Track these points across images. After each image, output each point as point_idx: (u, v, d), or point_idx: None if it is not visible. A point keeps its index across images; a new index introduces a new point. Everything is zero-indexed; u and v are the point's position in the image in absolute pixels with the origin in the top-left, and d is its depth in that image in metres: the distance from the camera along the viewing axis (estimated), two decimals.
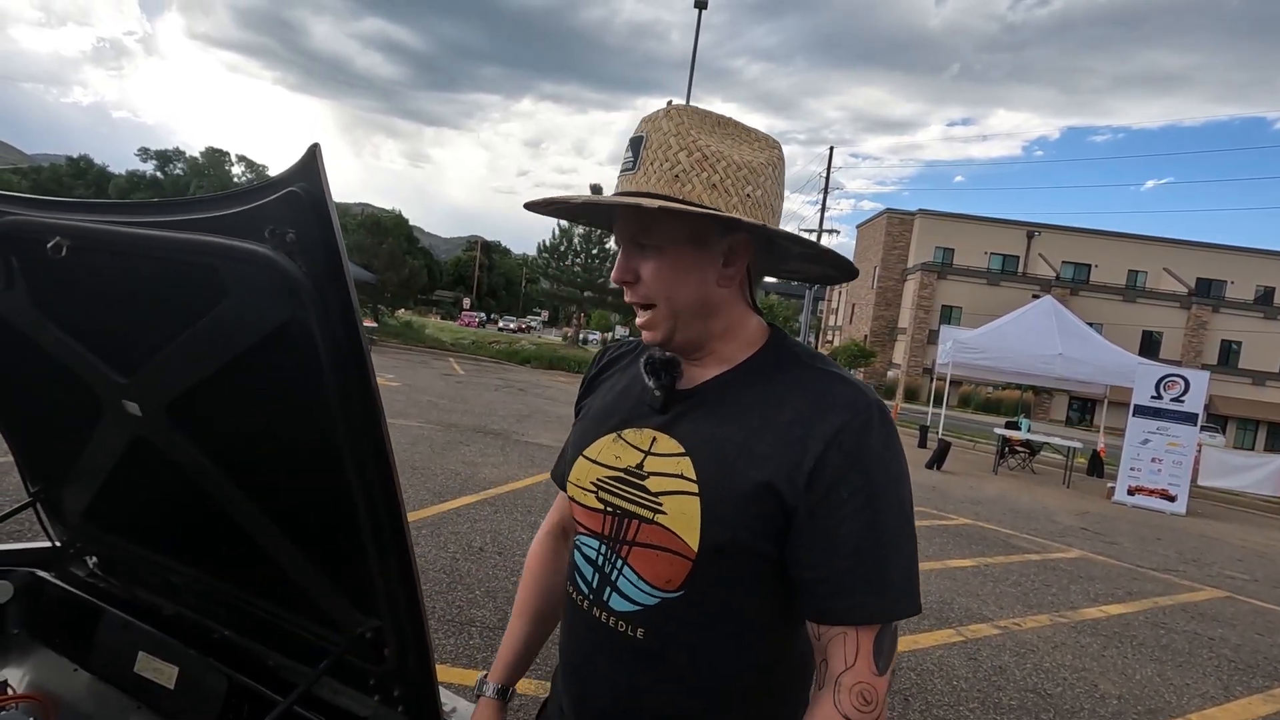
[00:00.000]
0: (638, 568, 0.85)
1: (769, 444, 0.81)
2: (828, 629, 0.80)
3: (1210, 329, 37.97)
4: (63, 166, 65.40)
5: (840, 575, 0.78)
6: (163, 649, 1.24)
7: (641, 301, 0.86)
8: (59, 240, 1.00)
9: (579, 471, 0.94)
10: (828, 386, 0.84)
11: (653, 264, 0.84)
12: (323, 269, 0.80)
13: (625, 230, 0.85)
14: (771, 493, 0.79)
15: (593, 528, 0.91)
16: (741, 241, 0.84)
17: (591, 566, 0.91)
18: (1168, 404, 11.22)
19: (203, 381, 1.03)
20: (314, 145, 0.73)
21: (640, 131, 0.84)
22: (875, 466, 0.79)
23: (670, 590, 0.84)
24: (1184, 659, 4.39)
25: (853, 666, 0.77)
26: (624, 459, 0.89)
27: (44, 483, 1.43)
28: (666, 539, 0.83)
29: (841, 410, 0.80)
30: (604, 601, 0.88)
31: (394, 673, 1.12)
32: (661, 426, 0.89)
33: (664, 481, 0.84)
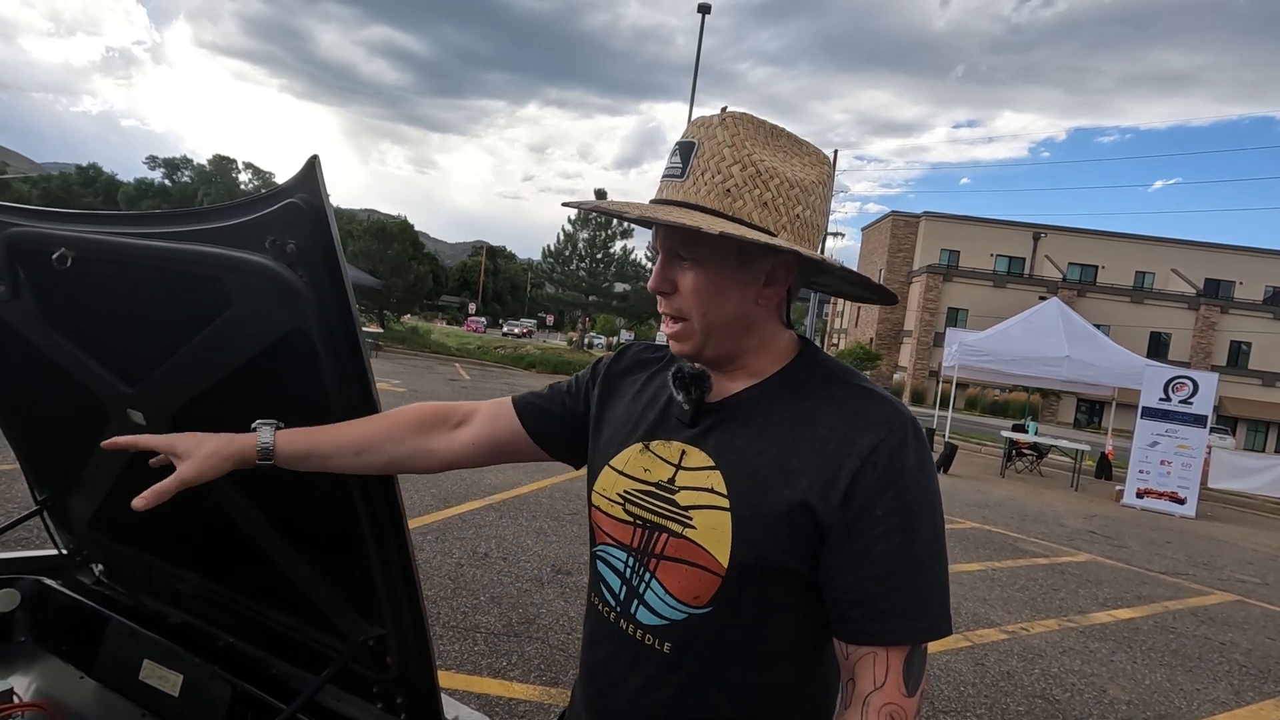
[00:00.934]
0: (666, 582, 0.84)
1: (803, 460, 0.79)
2: (856, 649, 0.78)
3: (1219, 330, 37.73)
4: (72, 175, 65.99)
5: (873, 596, 0.76)
6: (168, 657, 1.25)
7: (675, 314, 0.84)
8: (64, 251, 1.01)
9: (605, 482, 0.92)
10: (862, 403, 0.82)
11: (692, 277, 0.81)
12: (323, 279, 0.81)
13: (667, 240, 0.82)
14: (806, 511, 0.78)
15: (620, 539, 0.89)
16: (785, 263, 0.82)
17: (619, 578, 0.89)
18: (1176, 406, 11.15)
19: (206, 391, 1.04)
20: (313, 157, 0.74)
21: (691, 137, 0.81)
22: (910, 486, 0.78)
23: (698, 606, 0.82)
24: (1194, 664, 4.36)
25: (882, 687, 0.76)
26: (654, 472, 0.88)
27: (51, 491, 1.44)
28: (696, 554, 0.81)
29: (877, 428, 0.79)
30: (631, 614, 0.87)
31: (397, 680, 1.12)
32: (690, 440, 0.87)
33: (694, 495, 0.83)
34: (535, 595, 3.93)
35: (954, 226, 42.51)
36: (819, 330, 50.96)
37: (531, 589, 4.02)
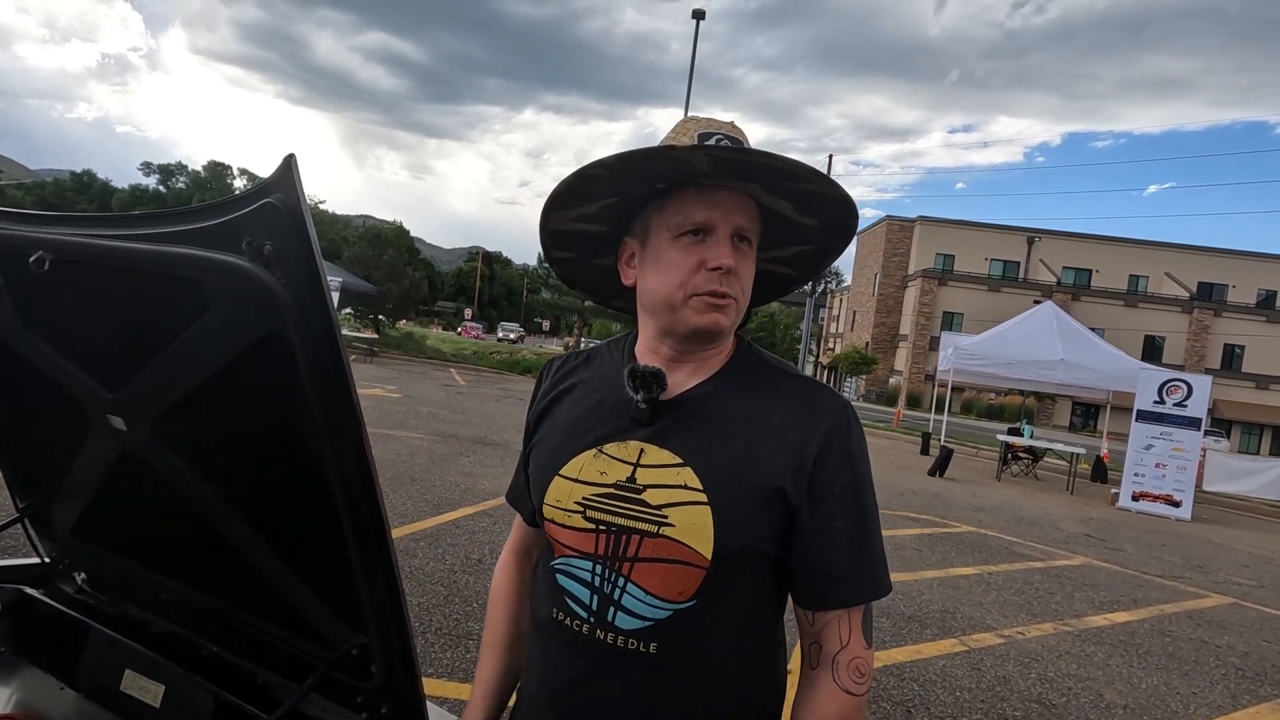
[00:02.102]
0: (644, 583, 0.84)
1: (768, 449, 0.84)
2: (823, 614, 0.86)
3: (1213, 333, 37.93)
4: (66, 181, 65.87)
5: (838, 566, 0.84)
6: (149, 666, 1.23)
7: (731, 291, 0.85)
8: (41, 254, 0.99)
9: (557, 492, 0.90)
10: (809, 392, 0.89)
11: (748, 260, 0.87)
12: (300, 280, 0.79)
13: (734, 221, 0.84)
14: (780, 496, 0.83)
15: (582, 549, 0.88)
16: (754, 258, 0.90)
17: (587, 589, 0.87)
18: (1170, 409, 11.19)
19: (187, 396, 1.02)
20: (289, 156, 0.73)
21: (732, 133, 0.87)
22: (858, 463, 0.87)
23: (683, 601, 0.84)
24: (1190, 667, 4.35)
25: (847, 645, 0.84)
26: (611, 474, 0.87)
27: (32, 498, 1.42)
28: (676, 551, 0.83)
29: (826, 413, 0.87)
30: (609, 622, 0.85)
31: (381, 690, 1.10)
32: (649, 438, 0.87)
33: (666, 493, 0.84)
34: None
35: (949, 231, 42.68)
36: (814, 335, 51.04)
37: None
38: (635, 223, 0.91)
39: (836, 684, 0.83)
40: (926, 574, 5.65)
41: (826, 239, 0.91)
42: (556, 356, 1.08)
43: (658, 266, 0.87)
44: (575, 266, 1.01)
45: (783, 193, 0.84)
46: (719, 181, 0.83)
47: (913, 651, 3.96)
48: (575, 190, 0.88)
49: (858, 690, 0.83)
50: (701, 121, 0.88)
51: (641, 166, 0.82)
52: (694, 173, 0.82)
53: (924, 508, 8.65)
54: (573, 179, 0.86)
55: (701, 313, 0.85)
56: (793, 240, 0.93)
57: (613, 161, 0.82)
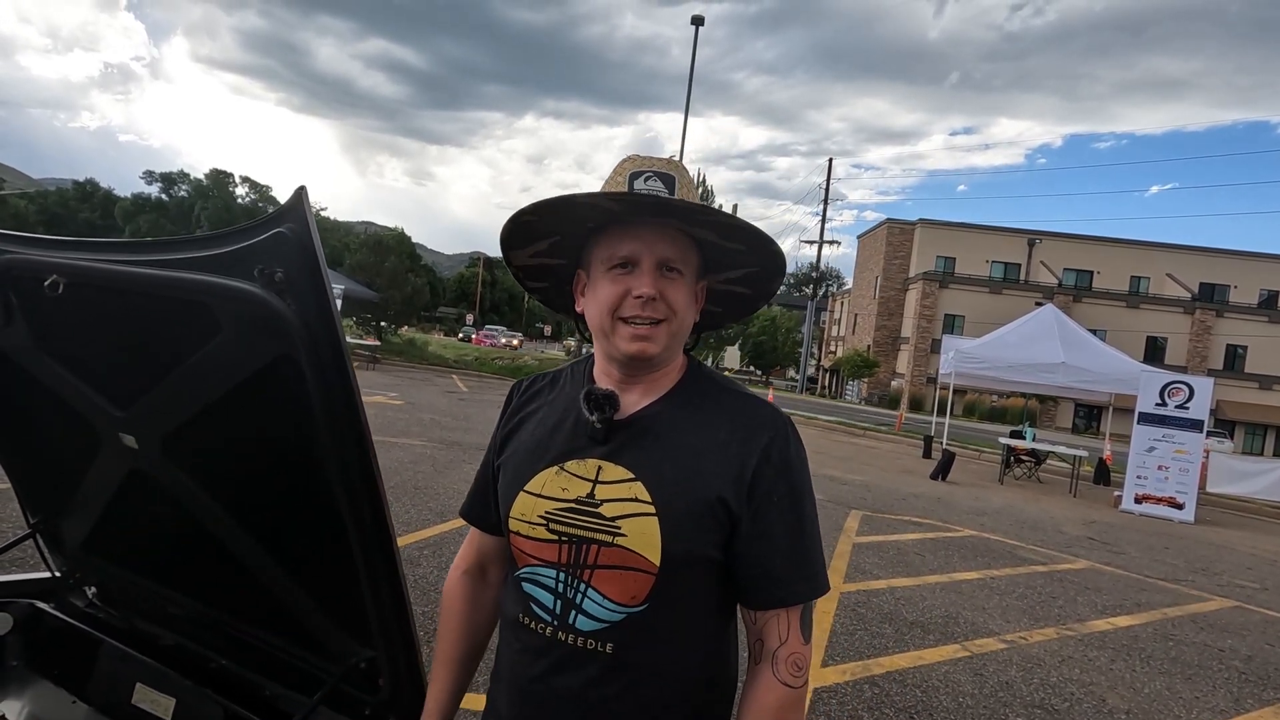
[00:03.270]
0: (602, 589, 0.92)
1: (711, 462, 0.92)
2: (764, 614, 0.93)
3: (1215, 334, 37.85)
4: (69, 190, 66.01)
5: (777, 568, 0.91)
6: (160, 680, 1.25)
7: (659, 317, 0.92)
8: (56, 278, 1.02)
9: (522, 507, 0.97)
10: (750, 408, 0.97)
11: (676, 285, 0.93)
12: (310, 306, 0.82)
13: (658, 251, 0.92)
14: (722, 504, 0.90)
15: (546, 558, 0.95)
16: (703, 287, 1.00)
17: (551, 594, 0.95)
18: (1172, 411, 11.17)
19: (197, 415, 1.05)
20: (300, 188, 0.75)
21: (667, 170, 0.95)
22: (795, 473, 0.94)
23: (635, 605, 0.91)
24: (1194, 671, 4.35)
25: (786, 641, 0.91)
26: (572, 490, 0.95)
27: (44, 514, 1.45)
28: (628, 559, 0.90)
29: (765, 427, 0.94)
30: (570, 624, 0.93)
31: (388, 702, 1.12)
32: (606, 456, 0.95)
33: (619, 506, 0.91)
34: None
35: (949, 233, 42.69)
36: (816, 338, 51.02)
37: None
38: (584, 256, 1.00)
39: (776, 677, 0.90)
40: (929, 579, 5.66)
41: (762, 260, 0.98)
42: (524, 378, 1.14)
43: (595, 296, 0.96)
44: (552, 294, 1.11)
45: (702, 224, 0.91)
46: (638, 219, 0.91)
47: (915, 657, 3.97)
48: (518, 233, 0.97)
49: (795, 683, 0.90)
50: (637, 161, 0.96)
51: (563, 211, 0.92)
52: (610, 215, 0.92)
53: (926, 512, 8.65)
54: (510, 225, 0.95)
55: (629, 340, 0.93)
56: (734, 264, 0.99)
57: (537, 207, 0.91)
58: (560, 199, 0.89)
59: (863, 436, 19.25)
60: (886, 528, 7.42)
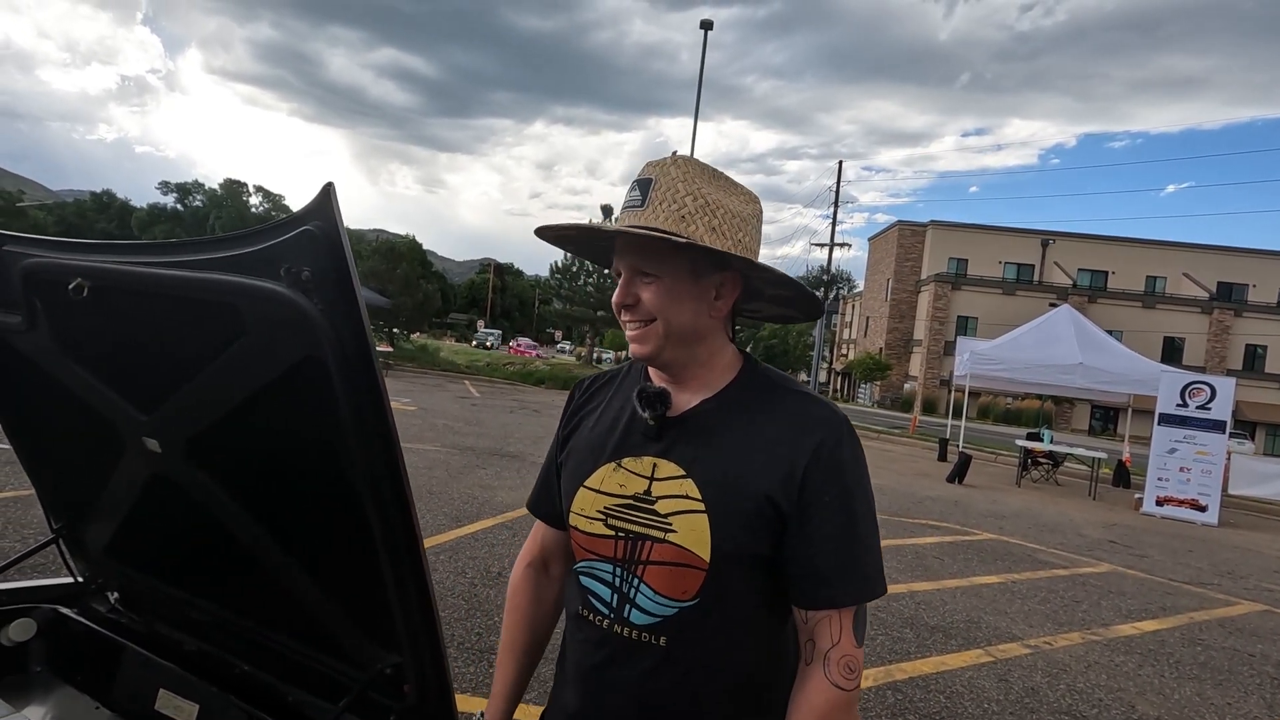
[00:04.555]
0: (654, 584, 0.94)
1: (762, 461, 0.92)
2: (815, 613, 0.92)
3: (1234, 333, 37.34)
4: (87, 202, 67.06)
5: (826, 569, 0.90)
6: (183, 686, 1.23)
7: (642, 319, 0.94)
8: (80, 281, 1.01)
9: (582, 502, 1.01)
10: (804, 407, 0.96)
11: (654, 288, 0.93)
12: (337, 305, 0.80)
13: (628, 259, 0.94)
14: (770, 503, 0.90)
15: (603, 553, 0.98)
16: (730, 279, 0.96)
17: (608, 588, 0.98)
18: (1193, 412, 11.01)
19: (221, 418, 1.03)
20: (328, 185, 0.74)
21: (648, 175, 0.94)
22: (847, 475, 0.92)
23: (687, 600, 0.93)
24: (1224, 677, 4.26)
25: (838, 643, 0.90)
26: (630, 486, 0.97)
27: (66, 519, 1.44)
28: (679, 555, 0.92)
29: (819, 428, 0.93)
30: (625, 618, 0.96)
31: (414, 710, 1.10)
32: (659, 453, 0.97)
33: (671, 503, 0.93)
34: None
35: (961, 235, 42.42)
36: (828, 341, 50.79)
37: None
38: None
39: (827, 678, 0.89)
40: (949, 583, 5.58)
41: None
42: (585, 377, 1.18)
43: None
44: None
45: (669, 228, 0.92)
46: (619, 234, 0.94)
47: (938, 663, 3.91)
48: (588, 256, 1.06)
49: (847, 685, 0.89)
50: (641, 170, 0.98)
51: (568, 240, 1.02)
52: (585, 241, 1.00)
53: (944, 515, 8.55)
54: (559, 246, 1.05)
55: (630, 343, 0.97)
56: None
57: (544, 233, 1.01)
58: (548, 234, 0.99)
59: (876, 439, 19.10)
60: (904, 531, 7.34)
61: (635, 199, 0.94)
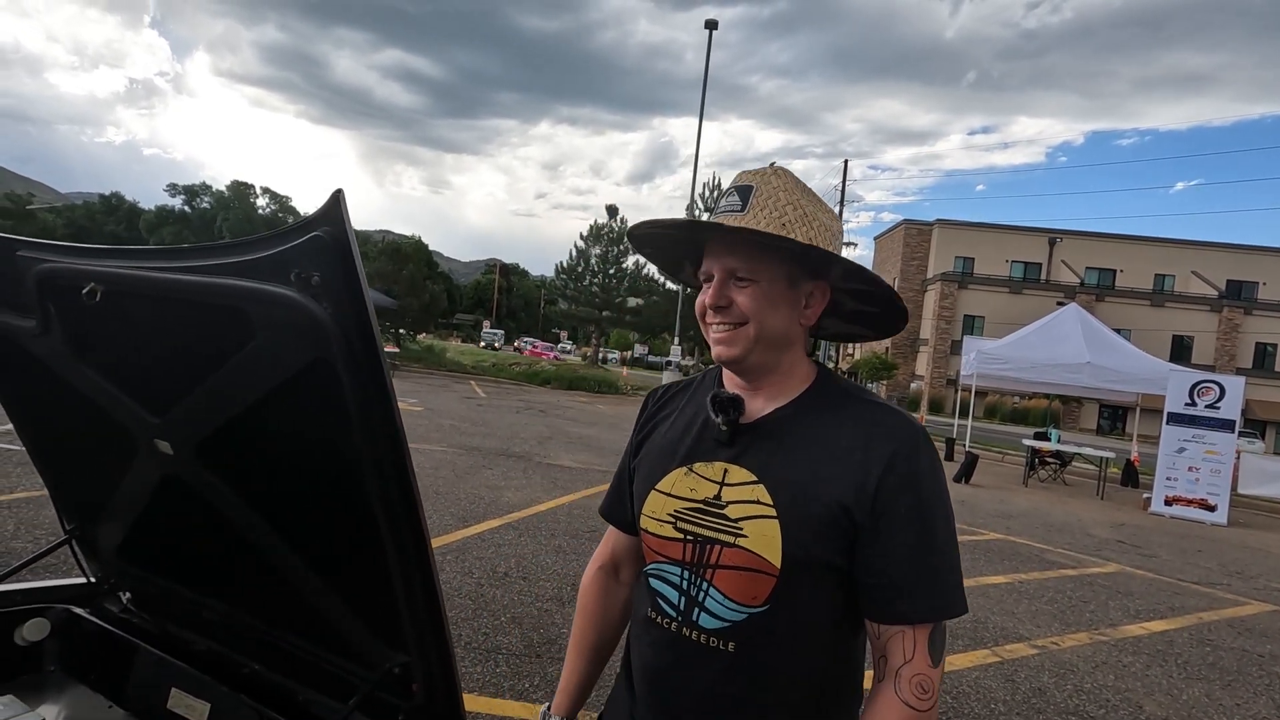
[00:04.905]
0: (724, 588, 0.94)
1: (834, 470, 0.91)
2: (887, 628, 0.90)
3: (1243, 331, 37.06)
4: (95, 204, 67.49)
5: (899, 581, 0.88)
6: (195, 685, 1.25)
7: (733, 321, 0.95)
8: (93, 286, 1.03)
9: (653, 505, 1.02)
10: (878, 416, 0.95)
11: (749, 291, 0.94)
12: (346, 309, 0.81)
13: (725, 264, 0.95)
14: (843, 512, 0.89)
15: (672, 555, 0.99)
16: (820, 290, 0.97)
17: (676, 590, 0.99)
18: (1202, 411, 10.94)
19: (232, 420, 1.05)
20: (337, 191, 0.75)
21: (748, 182, 0.96)
22: (924, 485, 0.91)
23: (756, 605, 0.93)
24: (1233, 677, 4.23)
25: (911, 660, 0.88)
26: (700, 490, 0.98)
27: (79, 520, 1.46)
28: (750, 560, 0.92)
29: (893, 437, 0.92)
30: (694, 621, 0.96)
31: (422, 709, 1.11)
32: (731, 459, 0.98)
33: (742, 508, 0.94)
34: (556, 615, 3.90)
35: (968, 233, 42.24)
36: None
37: (552, 609, 3.99)
38: None
39: (898, 696, 0.87)
40: None
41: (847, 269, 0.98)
42: (660, 386, 1.21)
43: (697, 307, 1.00)
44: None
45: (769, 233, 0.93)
46: (715, 237, 0.96)
47: (944, 662, 3.90)
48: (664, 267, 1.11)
49: (920, 705, 0.86)
50: (734, 180, 0.99)
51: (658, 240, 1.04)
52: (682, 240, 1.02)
53: None
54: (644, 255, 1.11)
55: (713, 346, 0.98)
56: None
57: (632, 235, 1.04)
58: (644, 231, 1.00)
59: None
60: None
61: (734, 204, 0.95)
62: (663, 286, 30.76)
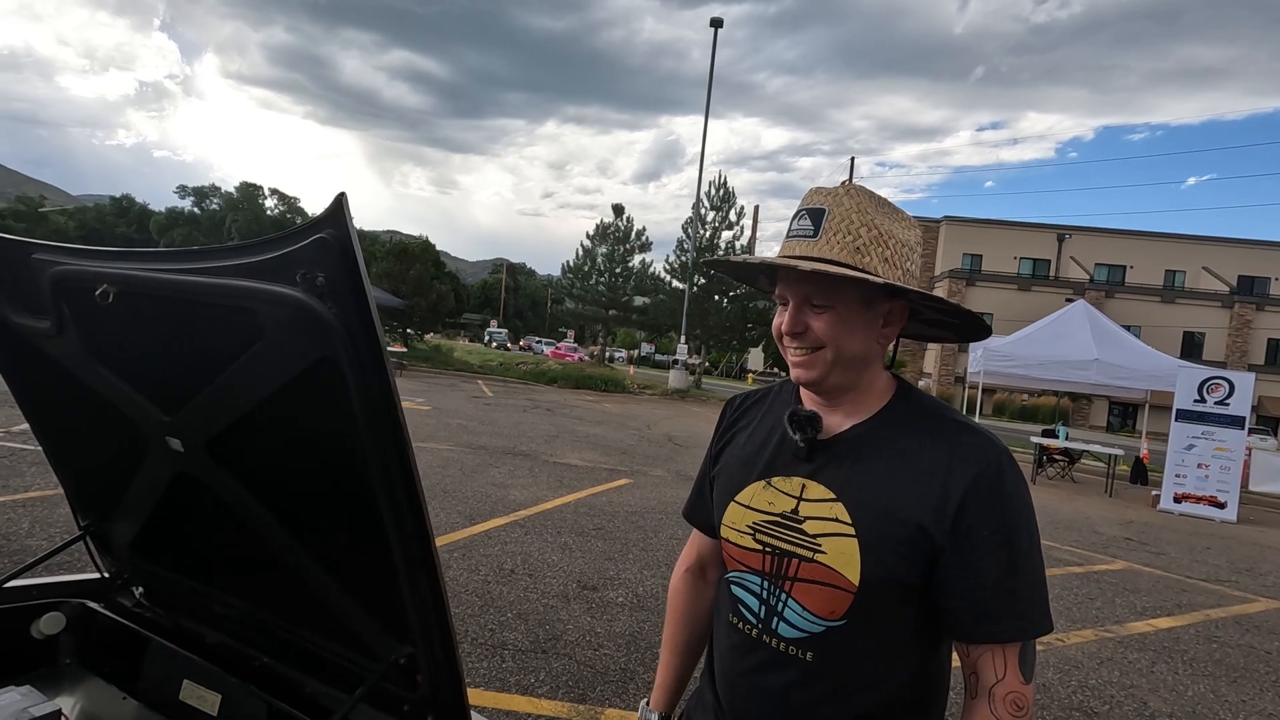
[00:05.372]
0: (802, 600, 0.96)
1: (915, 489, 0.91)
2: (976, 647, 0.91)
3: (1255, 328, 36.72)
4: (107, 206, 68.00)
5: (985, 603, 0.89)
6: (206, 677, 1.28)
7: (810, 346, 0.96)
8: (106, 287, 1.06)
9: (733, 515, 1.05)
10: (960, 436, 0.94)
11: (826, 318, 0.94)
12: (350, 309, 0.84)
13: (800, 290, 0.96)
14: (923, 533, 0.89)
15: (752, 565, 1.02)
16: (898, 308, 0.98)
17: (756, 599, 1.01)
18: (1212, 407, 10.87)
19: (240, 418, 1.08)
20: (340, 194, 0.77)
21: (820, 204, 0.96)
22: (1010, 508, 0.90)
23: (834, 619, 0.94)
24: (1239, 674, 4.22)
25: (1003, 679, 0.89)
26: (778, 504, 1.00)
27: (93, 516, 1.49)
28: (828, 575, 0.94)
29: (977, 459, 0.91)
30: (773, 629, 0.99)
31: (427, 700, 1.14)
32: (808, 474, 0.99)
33: (821, 525, 0.95)
34: (561, 611, 3.93)
35: (975, 230, 42.02)
36: None
37: (558, 605, 4.03)
38: None
39: (993, 714, 0.89)
40: None
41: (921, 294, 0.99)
42: (737, 395, 1.22)
43: (774, 328, 1.02)
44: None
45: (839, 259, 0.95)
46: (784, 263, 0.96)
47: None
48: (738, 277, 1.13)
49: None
50: (808, 197, 0.99)
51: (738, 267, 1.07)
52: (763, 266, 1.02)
53: None
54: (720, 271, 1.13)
55: (793, 368, 0.99)
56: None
57: (715, 265, 1.11)
58: (724, 262, 1.06)
59: None
60: None
61: (806, 229, 0.95)
62: (669, 285, 30.74)
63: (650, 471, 8.83)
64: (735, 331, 30.35)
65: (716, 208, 29.22)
